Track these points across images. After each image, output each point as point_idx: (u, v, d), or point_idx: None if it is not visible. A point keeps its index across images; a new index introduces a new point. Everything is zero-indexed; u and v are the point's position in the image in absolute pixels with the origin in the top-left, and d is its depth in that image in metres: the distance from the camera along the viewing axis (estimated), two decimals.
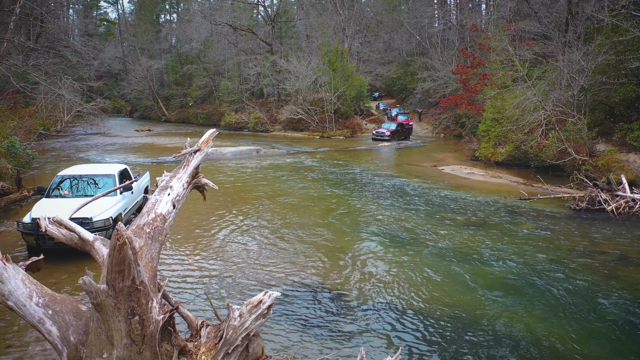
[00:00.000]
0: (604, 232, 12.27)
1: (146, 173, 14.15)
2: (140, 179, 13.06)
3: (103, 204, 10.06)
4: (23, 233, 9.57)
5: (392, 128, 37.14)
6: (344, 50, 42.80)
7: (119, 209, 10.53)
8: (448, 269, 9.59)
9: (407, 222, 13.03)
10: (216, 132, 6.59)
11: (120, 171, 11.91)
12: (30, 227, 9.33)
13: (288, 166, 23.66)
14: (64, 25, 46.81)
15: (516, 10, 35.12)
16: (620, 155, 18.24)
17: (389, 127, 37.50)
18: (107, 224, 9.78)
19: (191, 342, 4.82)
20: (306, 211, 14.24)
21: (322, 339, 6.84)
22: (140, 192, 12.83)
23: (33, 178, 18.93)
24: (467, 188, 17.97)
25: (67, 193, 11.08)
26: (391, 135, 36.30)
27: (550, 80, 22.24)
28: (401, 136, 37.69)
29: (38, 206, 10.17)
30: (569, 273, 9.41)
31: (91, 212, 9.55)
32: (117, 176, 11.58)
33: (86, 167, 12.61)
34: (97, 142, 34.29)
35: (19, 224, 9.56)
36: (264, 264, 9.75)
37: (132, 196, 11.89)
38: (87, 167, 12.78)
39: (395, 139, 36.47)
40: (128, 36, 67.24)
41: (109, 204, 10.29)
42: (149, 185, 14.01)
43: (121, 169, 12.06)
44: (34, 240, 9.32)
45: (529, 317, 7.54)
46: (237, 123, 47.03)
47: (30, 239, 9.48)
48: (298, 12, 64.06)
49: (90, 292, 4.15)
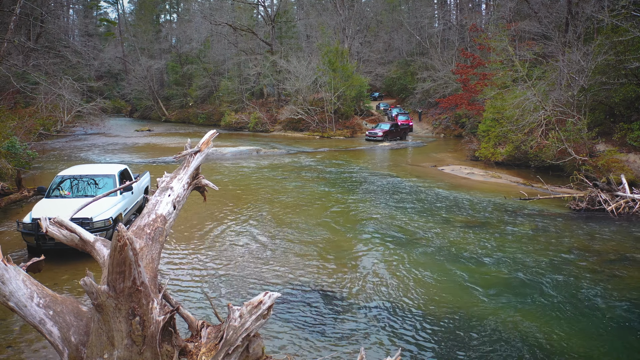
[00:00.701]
0: (603, 232, 12.27)
1: (146, 173, 14.13)
2: (140, 179, 13.04)
3: (103, 204, 10.09)
4: (23, 233, 9.57)
5: (385, 129, 36.60)
6: (344, 50, 42.81)
7: (119, 209, 10.53)
8: (448, 269, 9.60)
9: (406, 222, 13.04)
10: (216, 133, 6.60)
11: (120, 171, 11.90)
12: (31, 227, 9.33)
13: (288, 166, 23.67)
14: (64, 25, 46.81)
15: (516, 10, 35.12)
16: (620, 155, 18.24)
17: (382, 128, 36.96)
18: (107, 224, 9.78)
19: (192, 343, 4.83)
20: (306, 211, 14.25)
21: (322, 339, 6.85)
22: (140, 192, 12.81)
23: (33, 178, 18.95)
24: (467, 188, 17.98)
25: (67, 193, 11.07)
26: (384, 135, 35.71)
27: (550, 81, 22.25)
28: (396, 136, 37.11)
29: (38, 206, 10.17)
30: (568, 273, 9.41)
31: (91, 213, 9.54)
32: (118, 176, 11.57)
33: (86, 168, 12.61)
34: (97, 142, 34.31)
35: (19, 224, 9.57)
36: (265, 264, 9.77)
37: (132, 196, 11.86)
38: (87, 167, 12.77)
39: (389, 140, 35.92)
40: (128, 36, 67.25)
41: (109, 205, 10.30)
42: (149, 185, 13.99)
43: (121, 169, 12.05)
44: (34, 241, 9.32)
45: (528, 317, 7.55)
46: (237, 123, 47.04)
47: (30, 239, 9.48)
48: (298, 12, 64.07)
49: (91, 292, 4.16)
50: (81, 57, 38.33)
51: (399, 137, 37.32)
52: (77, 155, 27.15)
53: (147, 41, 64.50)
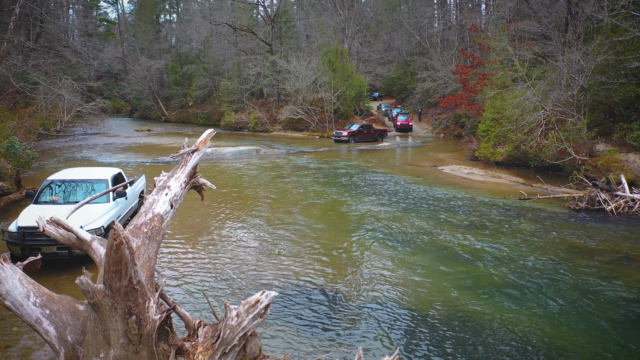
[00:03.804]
0: (603, 232, 12.26)
1: (141, 176, 13.54)
2: (135, 183, 12.47)
3: (94, 211, 9.51)
4: (8, 242, 8.92)
5: (352, 129, 36.09)
6: (344, 50, 42.83)
7: (111, 217, 9.84)
8: (447, 269, 9.59)
9: (405, 222, 13.03)
10: (214, 132, 6.59)
11: (114, 176, 11.27)
12: (17, 236, 8.75)
13: (288, 166, 23.66)
14: (63, 25, 46.82)
15: (516, 10, 35.12)
16: (620, 155, 18.23)
17: (349, 129, 36.44)
18: (98, 234, 8.85)
19: (188, 342, 4.82)
20: (305, 211, 14.24)
21: (320, 338, 6.84)
22: (135, 197, 12.22)
23: (33, 178, 18.93)
24: (467, 188, 17.97)
25: (56, 199, 10.36)
26: (349, 136, 35.11)
27: (549, 80, 22.24)
28: (367, 138, 36.11)
29: (25, 214, 9.44)
30: (568, 273, 9.40)
31: (81, 221, 8.71)
32: (111, 181, 10.92)
33: (78, 171, 11.77)
34: (97, 142, 34.32)
35: (4, 233, 8.99)
36: (262, 263, 9.76)
37: (126, 202, 11.15)
38: (79, 171, 11.93)
39: (356, 141, 35.03)
40: (128, 36, 67.33)
41: (100, 212, 9.70)
42: (144, 189, 13.44)
43: (115, 174, 11.42)
44: (20, 251, 8.71)
45: (527, 316, 7.54)
46: (237, 123, 47.06)
47: (16, 249, 8.80)
48: (298, 12, 64.15)
49: (88, 291, 4.15)
50: (81, 57, 38.34)
51: (372, 139, 36.31)
52: (77, 155, 27.15)
53: (147, 41, 64.57)
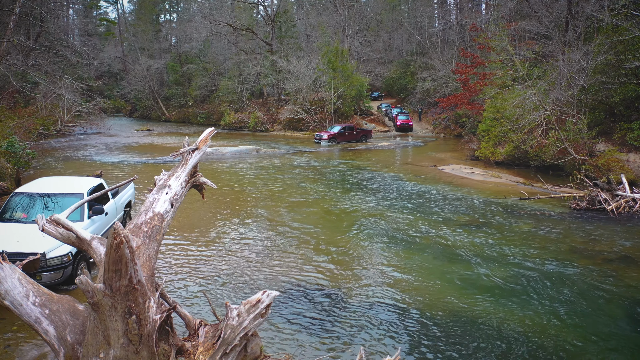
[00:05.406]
0: (603, 232, 12.24)
1: (129, 185, 11.88)
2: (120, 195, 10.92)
3: None
4: None
5: (333, 132, 35.66)
6: (344, 50, 42.80)
7: None
8: (447, 269, 9.57)
9: (405, 222, 13.00)
10: (214, 131, 6.57)
11: (91, 189, 9.62)
12: None
13: (288, 166, 23.64)
14: (63, 25, 46.74)
15: (516, 10, 35.08)
16: (620, 154, 18.20)
17: (330, 131, 35.99)
18: (65, 261, 7.65)
19: (189, 342, 4.80)
20: (305, 210, 14.22)
21: (321, 338, 6.82)
22: (119, 210, 10.71)
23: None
24: (467, 188, 17.95)
25: (23, 216, 8.88)
26: (329, 139, 34.75)
27: (550, 80, 22.21)
28: (349, 140, 35.40)
29: None
30: (568, 273, 9.38)
31: (43, 246, 7.39)
32: (87, 195, 9.22)
33: (52, 183, 10.15)
34: (97, 141, 34.29)
35: None
36: (263, 263, 9.73)
37: (106, 219, 9.48)
38: (53, 182, 10.30)
39: (338, 142, 34.67)
40: (128, 36, 67.23)
41: None
42: (132, 199, 12.11)
43: (92, 186, 9.79)
44: None
45: (527, 316, 7.52)
46: (237, 123, 47.02)
47: None
48: (298, 11, 64.08)
49: (87, 291, 4.13)
50: (81, 57, 38.32)
51: (354, 141, 35.91)
52: (76, 155, 27.13)
53: (147, 41, 64.49)
